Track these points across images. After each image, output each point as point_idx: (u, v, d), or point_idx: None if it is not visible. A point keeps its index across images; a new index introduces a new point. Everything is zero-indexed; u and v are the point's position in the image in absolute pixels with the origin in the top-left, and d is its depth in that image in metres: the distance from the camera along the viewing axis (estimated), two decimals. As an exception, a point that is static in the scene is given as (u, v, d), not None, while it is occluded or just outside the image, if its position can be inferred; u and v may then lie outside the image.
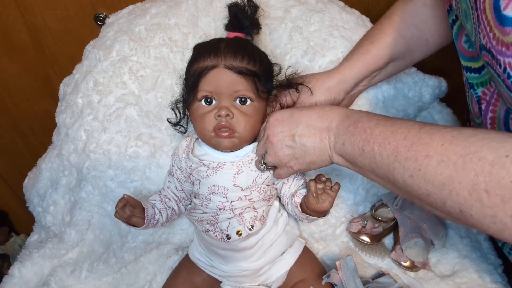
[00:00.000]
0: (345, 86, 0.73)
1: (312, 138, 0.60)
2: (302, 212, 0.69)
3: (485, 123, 0.58)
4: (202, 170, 0.69)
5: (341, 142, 0.57)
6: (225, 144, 0.66)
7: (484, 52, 0.47)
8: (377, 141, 0.52)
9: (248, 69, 0.65)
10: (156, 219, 0.72)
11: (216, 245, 0.71)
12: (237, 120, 0.65)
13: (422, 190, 0.46)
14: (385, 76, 0.77)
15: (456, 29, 0.60)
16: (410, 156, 0.47)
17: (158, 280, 0.80)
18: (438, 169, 0.44)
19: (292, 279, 0.75)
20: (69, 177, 0.83)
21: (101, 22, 0.89)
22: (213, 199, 0.68)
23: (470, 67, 0.58)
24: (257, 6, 0.74)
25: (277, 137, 0.62)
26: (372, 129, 0.53)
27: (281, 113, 0.64)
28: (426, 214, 0.82)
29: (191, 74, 0.67)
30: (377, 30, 0.74)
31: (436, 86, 0.83)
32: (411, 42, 0.71)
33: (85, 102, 0.80)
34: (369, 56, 0.72)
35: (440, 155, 0.44)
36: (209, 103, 0.66)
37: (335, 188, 0.65)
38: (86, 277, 0.79)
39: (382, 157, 0.51)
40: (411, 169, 0.47)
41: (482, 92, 0.57)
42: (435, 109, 0.86)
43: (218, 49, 0.65)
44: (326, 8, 0.83)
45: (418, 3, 0.70)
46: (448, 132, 0.45)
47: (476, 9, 0.47)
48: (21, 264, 0.78)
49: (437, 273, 0.79)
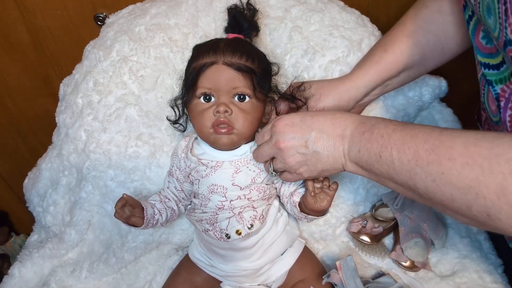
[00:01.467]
0: (356, 94, 0.71)
1: (326, 145, 0.58)
2: (301, 211, 0.69)
3: (504, 120, 0.56)
4: (201, 169, 0.69)
5: (356, 149, 0.55)
6: (223, 141, 0.66)
7: (510, 47, 0.46)
8: (395, 146, 0.50)
9: (247, 66, 0.65)
10: (155, 219, 0.72)
11: (216, 245, 0.71)
12: (236, 116, 0.65)
13: (446, 195, 0.45)
14: (397, 85, 0.74)
15: (473, 25, 0.58)
16: (432, 160, 0.46)
17: (158, 280, 0.80)
18: (463, 172, 0.43)
19: (292, 279, 0.75)
20: (69, 177, 0.83)
21: (101, 22, 0.89)
22: (212, 198, 0.68)
23: (488, 63, 0.56)
24: (256, 9, 0.75)
25: (289, 143, 0.59)
26: (389, 134, 0.51)
27: (291, 117, 0.61)
28: (426, 214, 0.82)
29: (190, 72, 0.68)
30: (390, 37, 0.71)
31: (436, 86, 0.83)
32: (426, 50, 0.69)
33: (85, 102, 0.80)
34: (383, 64, 0.70)
35: (465, 157, 0.43)
36: (208, 100, 0.66)
37: (333, 187, 0.65)
38: (86, 277, 0.79)
39: (402, 162, 0.49)
40: (434, 174, 0.45)
41: (501, 89, 0.56)
42: (435, 109, 0.86)
43: (217, 47, 0.66)
44: (326, 8, 0.83)
45: (433, 10, 0.67)
46: (471, 135, 0.44)
47: (505, 3, 0.45)
48: (21, 264, 0.78)
49: (437, 273, 0.79)
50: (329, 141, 0.58)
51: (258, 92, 0.67)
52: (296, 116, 0.61)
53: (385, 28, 0.85)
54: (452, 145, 0.45)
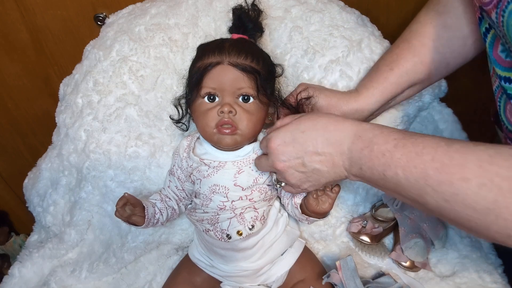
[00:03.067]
0: (360, 116, 0.70)
1: (323, 163, 0.56)
2: (302, 213, 0.69)
3: None
4: (203, 169, 0.69)
5: (357, 167, 0.53)
6: (226, 141, 0.66)
7: None
8: (400, 165, 0.47)
9: (252, 67, 0.65)
10: (156, 218, 0.72)
11: (217, 245, 0.71)
12: (240, 117, 0.65)
13: (461, 215, 0.42)
14: (399, 101, 0.73)
15: (491, 38, 0.55)
16: (443, 179, 0.43)
17: (158, 280, 0.80)
18: (480, 194, 0.40)
19: (292, 279, 0.75)
20: (69, 177, 0.83)
21: (101, 22, 0.89)
22: (214, 198, 0.68)
23: (509, 77, 0.53)
24: (261, 10, 0.75)
25: (285, 164, 0.58)
26: (391, 152, 0.48)
27: (281, 136, 0.59)
28: (426, 214, 0.82)
29: (195, 71, 0.67)
30: (395, 56, 0.69)
31: (436, 86, 0.83)
32: (431, 67, 0.67)
33: (85, 102, 0.80)
34: (388, 84, 0.68)
35: (480, 177, 0.40)
36: (212, 100, 0.66)
37: (335, 190, 0.65)
38: (86, 277, 0.79)
39: (409, 181, 0.46)
40: (447, 194, 0.43)
41: None
42: (435, 109, 0.86)
43: (223, 47, 0.66)
44: (326, 8, 0.83)
45: (437, 25, 0.65)
46: (483, 151, 0.42)
47: None
48: (21, 264, 0.78)
49: (437, 273, 0.79)
50: (327, 159, 0.56)
51: (262, 94, 0.67)
52: (287, 132, 0.59)
53: (385, 28, 0.85)
54: (463, 163, 0.42)
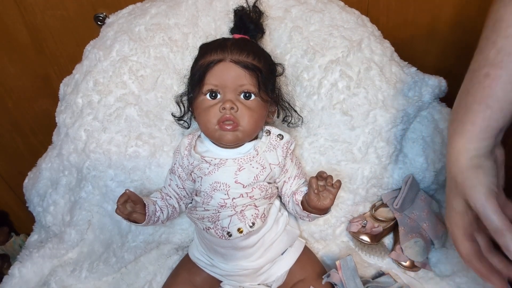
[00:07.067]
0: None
1: None
2: (303, 209, 0.70)
3: None
4: (204, 167, 0.69)
5: None
6: (228, 138, 0.67)
7: None
8: None
9: (253, 65, 0.66)
10: (157, 216, 0.72)
11: (217, 243, 0.71)
12: (241, 113, 0.66)
13: None
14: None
15: None
16: None
17: (158, 280, 0.80)
18: None
19: (292, 279, 0.75)
20: (69, 177, 0.83)
21: (101, 22, 0.90)
22: (214, 196, 0.68)
23: None
24: (262, 12, 0.76)
25: None
26: None
27: None
28: (426, 214, 0.82)
29: (197, 69, 0.69)
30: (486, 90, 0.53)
31: (436, 86, 0.83)
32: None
33: (85, 102, 0.80)
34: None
35: None
36: (214, 97, 0.67)
37: (336, 185, 0.65)
38: (86, 277, 0.79)
39: None
40: None
41: None
42: (435, 109, 0.86)
43: (225, 45, 0.67)
44: (326, 8, 0.83)
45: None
46: None
47: None
48: (21, 264, 0.78)
49: (437, 273, 0.79)
50: None
51: (263, 91, 0.68)
52: None
53: (385, 28, 0.85)
54: None
